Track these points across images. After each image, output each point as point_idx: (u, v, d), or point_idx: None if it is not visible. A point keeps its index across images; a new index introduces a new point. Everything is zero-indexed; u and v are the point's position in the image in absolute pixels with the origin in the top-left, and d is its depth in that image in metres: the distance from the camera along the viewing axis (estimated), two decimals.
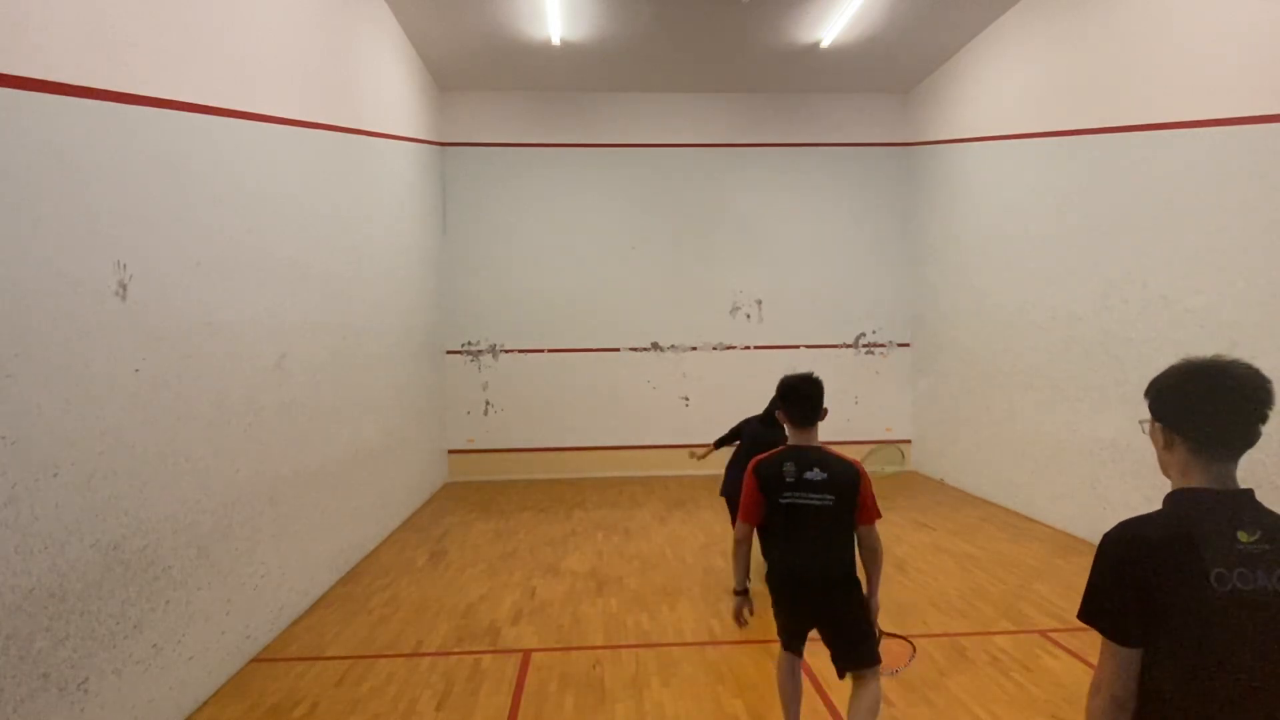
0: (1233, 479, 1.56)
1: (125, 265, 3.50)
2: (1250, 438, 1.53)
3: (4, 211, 2.84)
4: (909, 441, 11.12)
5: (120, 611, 3.41)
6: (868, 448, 10.47)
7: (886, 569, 6.35)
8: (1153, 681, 1.50)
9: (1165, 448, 1.62)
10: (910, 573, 6.20)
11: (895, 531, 7.57)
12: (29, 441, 2.90)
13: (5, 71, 2.85)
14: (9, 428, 2.80)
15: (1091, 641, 4.77)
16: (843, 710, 3.93)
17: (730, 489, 6.05)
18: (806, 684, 4.24)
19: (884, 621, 5.12)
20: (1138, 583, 1.49)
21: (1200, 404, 1.54)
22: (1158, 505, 1.62)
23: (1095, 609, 1.56)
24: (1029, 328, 8.01)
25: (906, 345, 11.25)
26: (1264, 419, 1.52)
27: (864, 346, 11.27)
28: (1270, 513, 1.53)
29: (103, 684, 3.28)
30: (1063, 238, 7.45)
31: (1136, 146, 6.46)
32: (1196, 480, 1.56)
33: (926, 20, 8.65)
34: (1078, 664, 4.39)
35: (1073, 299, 7.28)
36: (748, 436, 5.85)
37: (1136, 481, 6.34)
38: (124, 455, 3.46)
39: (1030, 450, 7.94)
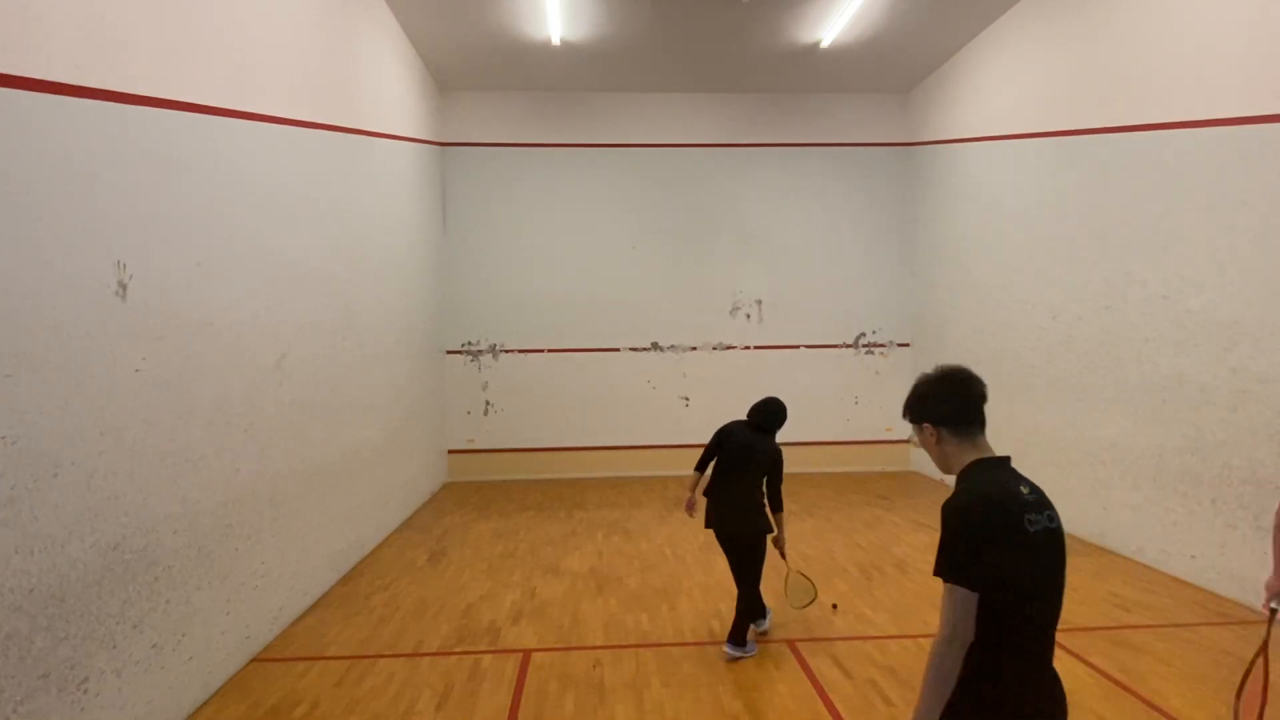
0: (991, 449, 2.05)
1: (125, 265, 3.50)
2: (983, 414, 2.08)
3: (4, 211, 2.84)
4: (907, 441, 11.10)
5: (120, 611, 3.41)
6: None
7: (886, 568, 6.47)
8: (989, 610, 1.83)
9: (937, 443, 2.08)
10: (910, 573, 6.20)
11: (895, 531, 7.58)
12: (29, 441, 2.90)
13: (5, 71, 2.86)
14: (9, 428, 2.80)
15: (1092, 643, 4.77)
16: (843, 710, 3.93)
17: (719, 522, 4.60)
18: (806, 683, 4.24)
19: (885, 622, 5.15)
20: (984, 536, 1.85)
21: (955, 399, 2.07)
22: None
23: (953, 565, 1.87)
24: (1029, 328, 8.01)
25: (906, 345, 11.25)
26: (986, 400, 2.09)
27: (864, 346, 11.26)
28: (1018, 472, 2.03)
29: (103, 684, 3.28)
30: (1063, 238, 7.45)
31: (1136, 146, 6.46)
32: (976, 454, 2.03)
33: (926, 20, 8.65)
34: (1078, 664, 4.39)
35: (1073, 299, 7.27)
36: (733, 446, 4.69)
37: (1136, 481, 6.33)
38: (124, 455, 3.46)
39: (1030, 450, 7.93)
